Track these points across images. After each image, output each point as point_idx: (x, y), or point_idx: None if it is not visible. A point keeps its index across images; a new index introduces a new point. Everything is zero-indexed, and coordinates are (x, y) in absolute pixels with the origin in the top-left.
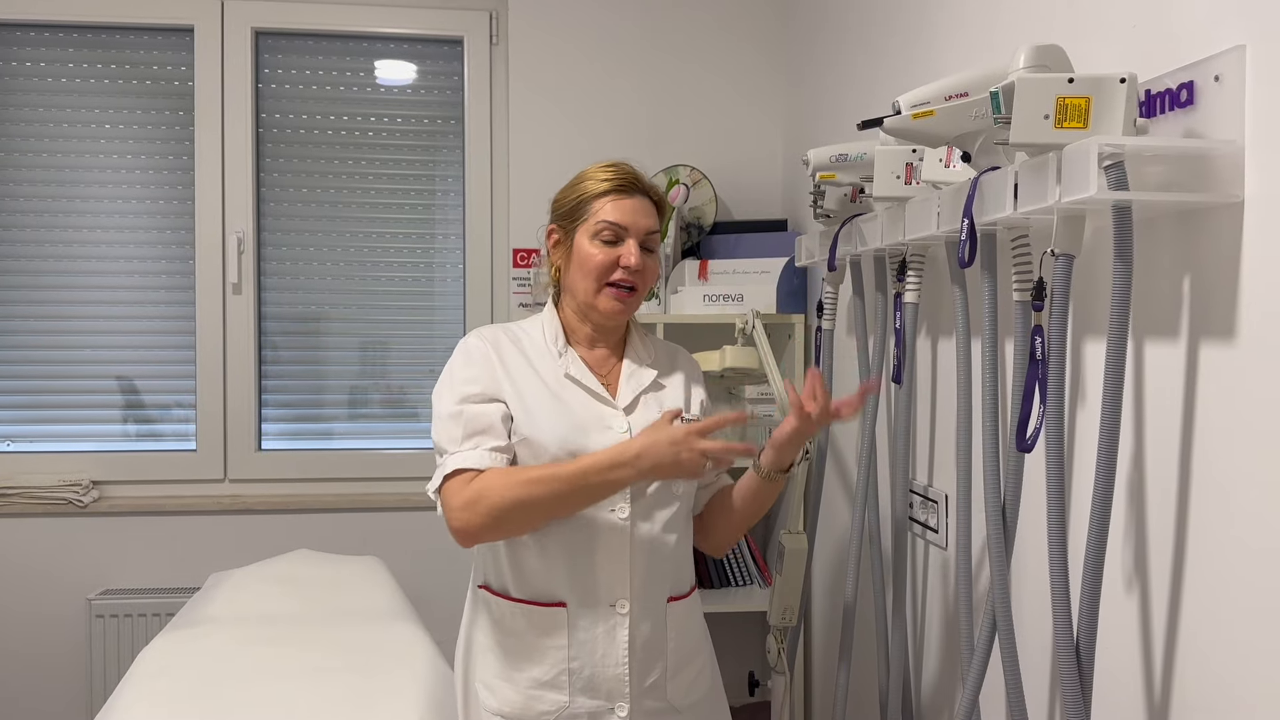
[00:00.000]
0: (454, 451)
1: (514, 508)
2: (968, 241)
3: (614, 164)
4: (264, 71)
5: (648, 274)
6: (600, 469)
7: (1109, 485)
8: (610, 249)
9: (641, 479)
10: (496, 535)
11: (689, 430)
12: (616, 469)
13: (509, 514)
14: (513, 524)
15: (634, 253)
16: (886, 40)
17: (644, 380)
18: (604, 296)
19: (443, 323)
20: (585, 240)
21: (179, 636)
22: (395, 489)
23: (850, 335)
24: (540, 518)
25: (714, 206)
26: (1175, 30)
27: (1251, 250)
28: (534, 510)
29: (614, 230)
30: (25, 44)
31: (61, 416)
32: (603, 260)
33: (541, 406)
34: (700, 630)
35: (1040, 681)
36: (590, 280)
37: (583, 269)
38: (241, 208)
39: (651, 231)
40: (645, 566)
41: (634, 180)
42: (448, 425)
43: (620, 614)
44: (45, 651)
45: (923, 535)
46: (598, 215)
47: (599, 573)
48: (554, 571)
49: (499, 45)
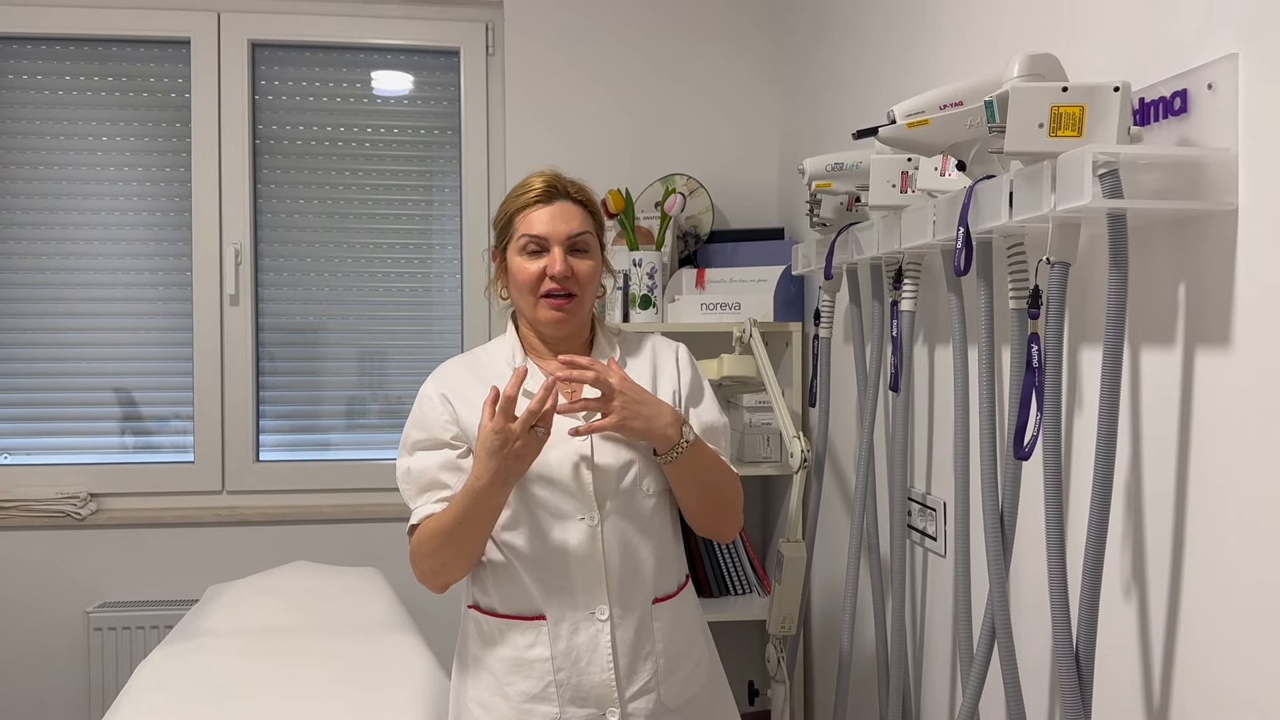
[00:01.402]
0: (414, 508)
1: (434, 554)
2: (963, 250)
3: (537, 173)
4: (260, 83)
5: (581, 276)
6: (468, 485)
7: (1106, 492)
8: (537, 260)
9: (498, 476)
10: (442, 579)
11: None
12: (476, 478)
13: (435, 558)
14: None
15: (558, 260)
16: (881, 49)
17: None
18: (541, 308)
19: (440, 333)
20: (515, 256)
21: (177, 650)
22: (393, 499)
23: (847, 343)
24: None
25: (710, 215)
26: (1168, 38)
27: (1246, 257)
28: (452, 540)
29: (535, 241)
30: (22, 57)
31: (59, 429)
32: (532, 273)
33: None
34: (695, 627)
35: (1040, 688)
36: (526, 295)
37: (516, 285)
38: (239, 219)
39: (575, 234)
40: (621, 571)
41: (551, 187)
42: (402, 483)
43: (601, 620)
44: (44, 664)
45: (921, 543)
46: (519, 230)
47: (574, 581)
48: (531, 584)
49: (495, 56)
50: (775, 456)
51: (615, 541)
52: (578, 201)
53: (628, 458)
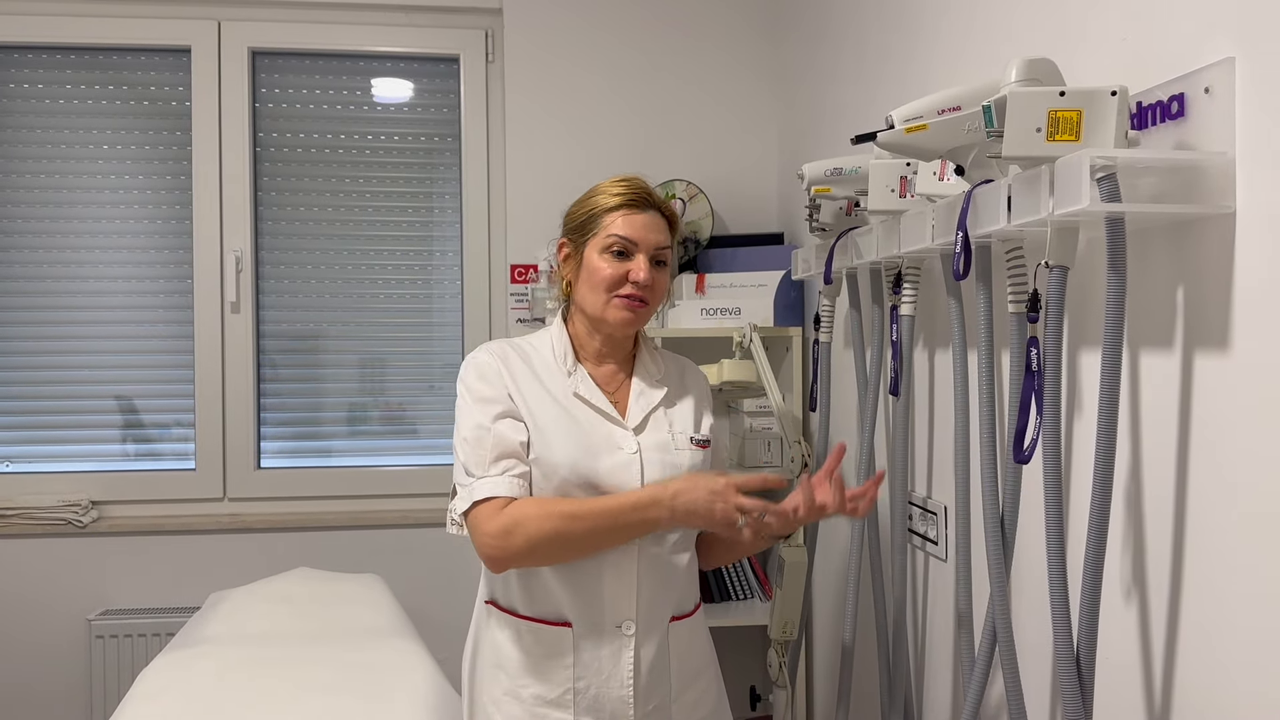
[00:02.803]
0: (481, 476)
1: (550, 540)
2: (962, 254)
3: (627, 179)
4: (261, 91)
5: (658, 288)
6: (637, 507)
7: (1106, 495)
8: (620, 263)
9: (675, 522)
10: (529, 564)
11: (730, 483)
12: (652, 508)
13: (544, 546)
14: (547, 556)
15: (644, 267)
16: (880, 55)
17: (654, 399)
18: (613, 306)
19: (441, 339)
20: (595, 254)
21: (179, 657)
22: (395, 506)
23: (847, 348)
24: (574, 552)
25: (710, 220)
26: (1165, 43)
27: (1244, 260)
28: (569, 544)
29: (624, 244)
30: (24, 66)
31: (60, 437)
32: (612, 274)
33: (553, 427)
34: (705, 648)
35: (1041, 692)
36: (599, 293)
37: (591, 282)
38: (239, 227)
39: (662, 246)
40: (651, 589)
41: (646, 195)
42: (474, 447)
43: (626, 635)
44: (45, 673)
45: (922, 547)
46: (608, 229)
47: (605, 594)
48: (561, 592)
49: (494, 63)
50: (776, 461)
51: (650, 559)
52: (665, 216)
53: (672, 478)
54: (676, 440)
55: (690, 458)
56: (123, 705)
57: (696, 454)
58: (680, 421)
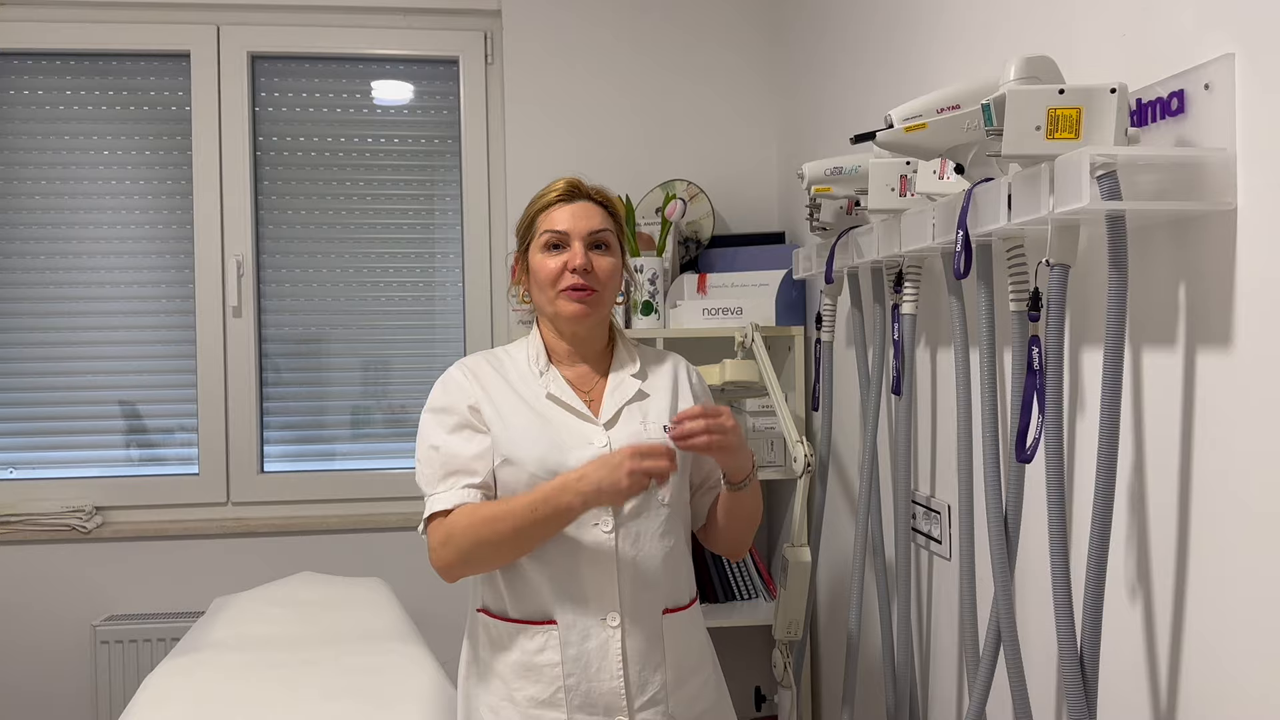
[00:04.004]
0: (432, 493)
1: (477, 546)
2: (963, 253)
3: (559, 179)
4: (261, 95)
5: (603, 273)
6: (547, 497)
7: (1109, 494)
8: (558, 255)
9: (589, 503)
10: (470, 571)
11: (628, 450)
12: (563, 494)
13: (474, 552)
14: (480, 561)
15: (579, 253)
16: (879, 53)
17: (627, 393)
18: (561, 301)
19: (443, 341)
20: (537, 254)
21: (183, 663)
22: (398, 509)
23: (849, 347)
24: (506, 553)
25: (711, 220)
26: (1165, 39)
27: (1246, 257)
28: (497, 547)
29: (557, 237)
30: (24, 72)
31: (64, 443)
32: (552, 268)
33: (521, 427)
34: (702, 643)
35: (1046, 690)
36: (546, 291)
37: (537, 281)
38: (240, 231)
39: (596, 231)
40: (634, 579)
41: (574, 186)
42: (425, 465)
43: (612, 627)
44: (51, 679)
45: (926, 546)
46: (541, 228)
47: (586, 587)
48: (543, 589)
49: (494, 65)
50: (779, 461)
51: (629, 548)
52: (598, 202)
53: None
54: (649, 430)
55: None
56: (128, 711)
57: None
58: (655, 412)
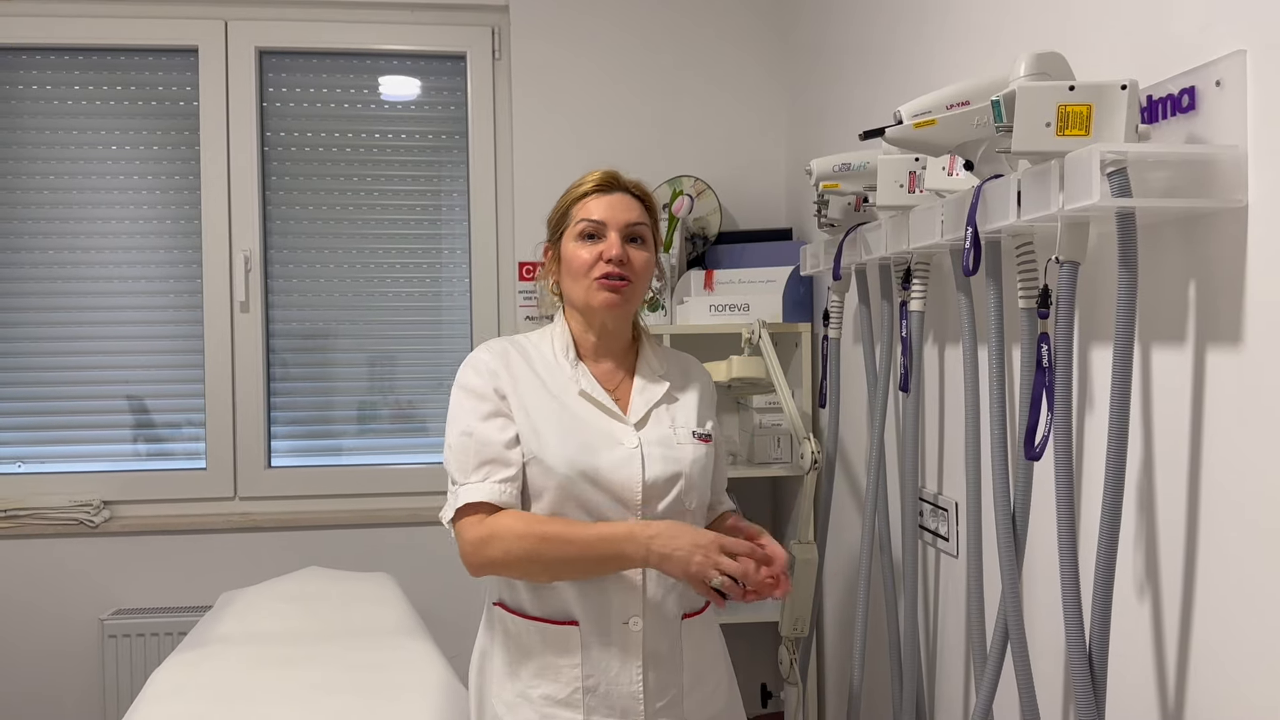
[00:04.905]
0: (464, 483)
1: (523, 559)
2: (972, 250)
3: (596, 171)
4: (268, 90)
5: (637, 266)
6: (612, 540)
7: (1118, 492)
8: (593, 245)
9: (649, 563)
10: (504, 575)
11: (717, 540)
12: (628, 543)
13: (517, 563)
14: (519, 572)
15: (615, 244)
16: (888, 49)
17: (656, 393)
18: (594, 289)
19: (450, 337)
20: (570, 243)
21: (191, 657)
22: (405, 504)
23: (857, 344)
24: (547, 574)
25: (718, 216)
26: (1175, 36)
27: (1256, 254)
28: (542, 566)
29: (593, 226)
30: (32, 67)
31: (72, 437)
32: (587, 258)
33: (550, 425)
34: (717, 646)
35: (1053, 689)
36: (580, 280)
37: (570, 270)
38: (248, 226)
39: (633, 224)
40: (658, 584)
41: (612, 178)
42: (458, 453)
43: (634, 631)
44: (58, 673)
45: (933, 543)
46: (576, 216)
47: (611, 591)
48: (567, 589)
49: (501, 60)
50: (786, 458)
51: None
52: (636, 195)
53: (675, 471)
54: (679, 434)
55: (693, 452)
56: (135, 705)
57: (699, 448)
58: (683, 416)
